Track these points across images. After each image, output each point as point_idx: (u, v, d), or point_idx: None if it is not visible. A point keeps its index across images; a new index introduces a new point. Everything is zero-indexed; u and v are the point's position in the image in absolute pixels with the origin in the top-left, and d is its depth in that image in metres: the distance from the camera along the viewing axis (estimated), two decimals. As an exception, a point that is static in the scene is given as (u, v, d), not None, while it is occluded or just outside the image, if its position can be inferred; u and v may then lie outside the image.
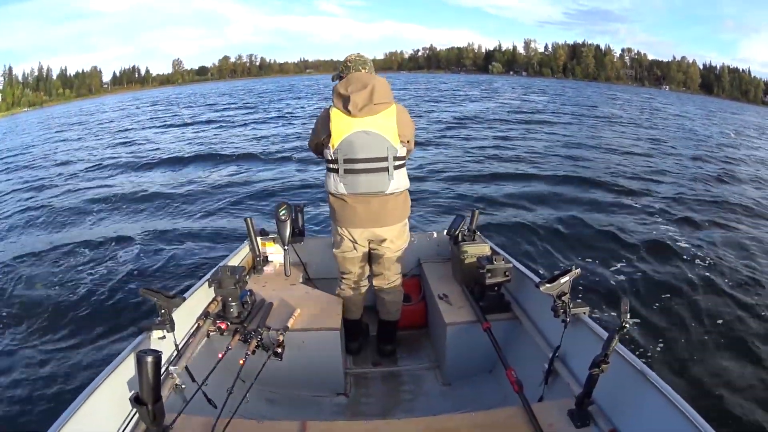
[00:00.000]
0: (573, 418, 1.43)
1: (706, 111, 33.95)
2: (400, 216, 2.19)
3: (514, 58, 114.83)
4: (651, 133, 16.42)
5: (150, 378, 1.24)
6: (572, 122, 18.35)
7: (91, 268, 4.95)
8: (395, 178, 2.05)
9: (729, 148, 14.17)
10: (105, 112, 31.59)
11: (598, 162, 10.30)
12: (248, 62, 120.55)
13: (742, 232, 5.85)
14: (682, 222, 6.09)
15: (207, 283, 2.13)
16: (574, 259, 4.82)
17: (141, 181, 9.26)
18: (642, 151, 12.13)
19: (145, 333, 1.68)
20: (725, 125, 23.04)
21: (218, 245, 5.37)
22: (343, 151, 2.00)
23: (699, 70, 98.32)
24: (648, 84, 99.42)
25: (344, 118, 1.99)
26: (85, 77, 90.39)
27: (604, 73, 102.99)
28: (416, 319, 2.72)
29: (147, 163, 11.00)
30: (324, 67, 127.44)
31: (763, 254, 5.10)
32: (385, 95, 2.00)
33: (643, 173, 9.20)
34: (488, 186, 7.98)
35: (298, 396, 2.18)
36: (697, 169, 9.86)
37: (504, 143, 12.44)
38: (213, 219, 6.52)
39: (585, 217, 6.17)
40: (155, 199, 7.72)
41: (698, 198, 7.42)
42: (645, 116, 23.62)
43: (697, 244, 5.25)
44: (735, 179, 9.15)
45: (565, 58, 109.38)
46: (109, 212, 7.20)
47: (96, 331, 3.66)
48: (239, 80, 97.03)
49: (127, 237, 5.90)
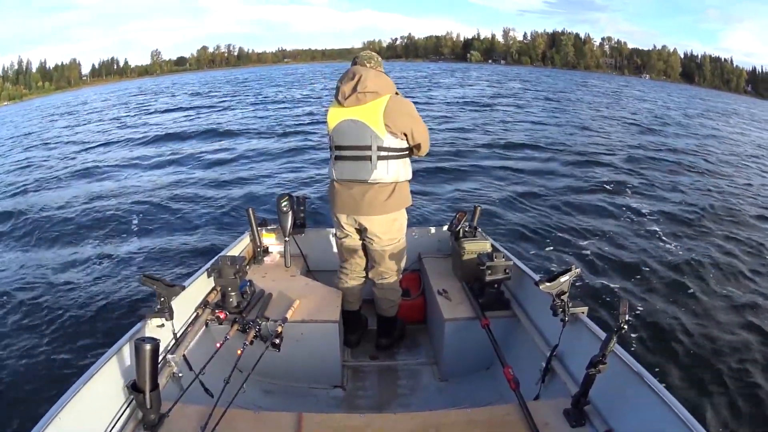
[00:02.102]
0: (569, 417, 1.43)
1: (685, 97, 36.11)
2: (385, 207, 2.15)
3: (492, 47, 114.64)
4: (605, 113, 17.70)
5: (148, 366, 1.25)
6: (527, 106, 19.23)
7: (90, 255, 4.97)
8: (379, 167, 2.07)
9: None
10: (104, 101, 31.49)
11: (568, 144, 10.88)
12: (226, 52, 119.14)
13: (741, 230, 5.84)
14: (683, 224, 6.08)
15: (207, 272, 2.13)
16: (573, 259, 4.81)
17: (144, 172, 9.27)
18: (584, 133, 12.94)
19: (144, 320, 1.68)
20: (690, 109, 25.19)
21: (219, 235, 5.38)
22: (335, 139, 2.14)
23: (680, 59, 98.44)
24: (628, 72, 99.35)
25: (337, 107, 2.12)
26: (64, 69, 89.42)
27: (583, 62, 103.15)
28: (415, 314, 2.72)
29: (148, 155, 10.99)
30: (302, 56, 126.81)
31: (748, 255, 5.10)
32: (374, 86, 2.02)
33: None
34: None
35: (294, 387, 2.19)
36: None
37: (459, 134, 12.34)
38: (214, 209, 6.52)
39: (585, 218, 6.16)
40: (157, 188, 7.74)
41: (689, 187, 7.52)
42: (609, 101, 25.21)
43: (689, 247, 5.25)
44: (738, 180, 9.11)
45: (544, 47, 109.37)
46: (110, 200, 7.22)
47: (94, 318, 3.68)
48: (217, 70, 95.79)
49: (128, 225, 5.92)
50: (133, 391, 1.29)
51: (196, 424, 1.39)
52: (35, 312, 3.82)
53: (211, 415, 1.39)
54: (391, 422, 1.53)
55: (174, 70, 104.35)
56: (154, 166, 9.67)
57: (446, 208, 6.28)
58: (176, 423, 1.40)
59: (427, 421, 1.50)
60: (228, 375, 1.58)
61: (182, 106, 21.82)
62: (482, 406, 1.63)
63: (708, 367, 3.17)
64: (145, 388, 1.27)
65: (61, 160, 10.85)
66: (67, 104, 31.43)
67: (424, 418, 1.53)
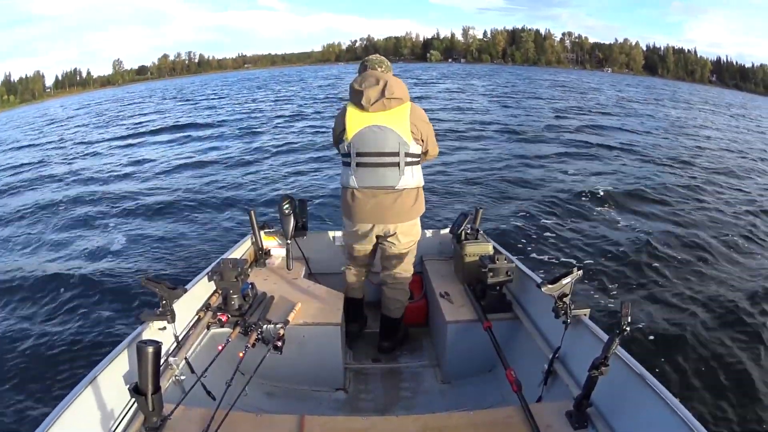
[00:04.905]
0: (571, 419, 1.43)
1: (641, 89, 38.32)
2: (410, 213, 2.19)
3: (452, 46, 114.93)
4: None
5: (150, 368, 1.25)
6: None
7: (92, 258, 4.98)
8: (406, 174, 2.07)
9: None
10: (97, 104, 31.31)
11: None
12: (187, 60, 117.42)
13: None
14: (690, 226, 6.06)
15: (208, 275, 2.12)
16: (575, 261, 4.80)
17: (145, 175, 9.29)
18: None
19: (146, 323, 1.68)
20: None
21: (220, 238, 5.39)
22: (355, 145, 2.06)
23: (643, 51, 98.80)
24: (590, 67, 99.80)
25: (358, 113, 2.05)
26: (28, 82, 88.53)
27: (544, 58, 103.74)
28: (417, 316, 2.71)
29: (148, 158, 11.05)
30: (261, 61, 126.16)
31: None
32: (398, 92, 2.03)
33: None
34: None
35: (296, 390, 2.19)
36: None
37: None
38: (216, 211, 6.54)
39: (585, 218, 6.15)
40: (157, 190, 7.77)
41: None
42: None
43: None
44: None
45: (504, 44, 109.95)
46: (113, 203, 7.24)
47: (96, 320, 3.69)
48: (178, 78, 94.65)
49: (131, 227, 5.94)
50: (135, 393, 1.29)
51: (198, 427, 1.39)
52: (36, 315, 3.83)
53: (213, 418, 1.39)
54: (394, 425, 1.53)
55: (135, 80, 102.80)
56: (155, 169, 9.71)
57: (447, 209, 6.29)
58: (178, 425, 1.39)
59: (430, 423, 1.50)
60: (230, 378, 1.58)
61: (175, 109, 22.06)
62: (484, 409, 1.63)
63: (712, 369, 3.15)
64: (147, 391, 1.27)
65: (61, 163, 10.91)
66: (44, 115, 31.00)
67: (427, 420, 1.53)
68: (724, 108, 28.70)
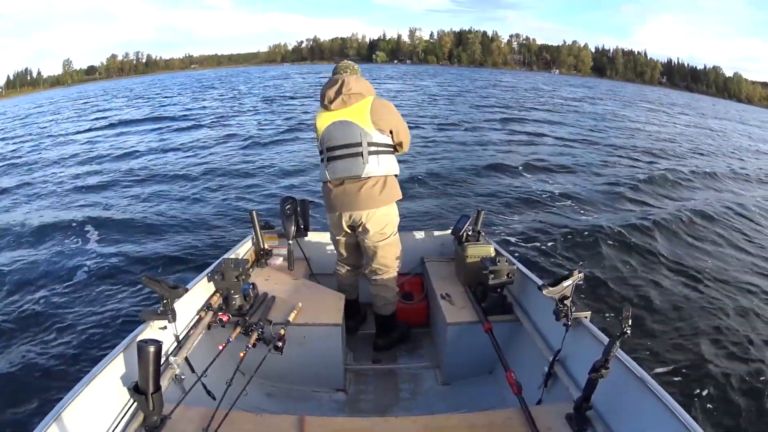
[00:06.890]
0: (571, 422, 1.43)
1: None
2: (376, 200, 2.21)
3: (398, 47, 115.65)
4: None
5: (150, 367, 1.25)
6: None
7: (93, 257, 4.98)
8: (370, 162, 2.16)
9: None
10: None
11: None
12: (135, 60, 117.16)
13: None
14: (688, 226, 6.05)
15: (209, 275, 2.13)
16: (576, 263, 4.80)
17: (145, 175, 9.30)
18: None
19: (146, 322, 1.68)
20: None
21: (222, 238, 5.39)
22: (325, 141, 2.22)
23: (591, 53, 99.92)
24: (537, 68, 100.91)
25: (324, 113, 2.23)
26: None
27: (490, 59, 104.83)
28: (418, 317, 2.72)
29: (149, 158, 11.05)
30: (208, 62, 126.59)
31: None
32: (356, 88, 2.16)
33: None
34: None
35: (297, 390, 2.19)
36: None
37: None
38: (218, 211, 6.54)
39: (583, 219, 6.14)
40: (158, 191, 7.76)
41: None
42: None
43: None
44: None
45: (451, 45, 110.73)
46: (113, 200, 7.27)
47: (96, 320, 3.69)
48: (126, 78, 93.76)
49: (131, 226, 5.94)
50: (135, 393, 1.29)
51: (198, 427, 1.39)
52: (37, 314, 3.83)
53: (213, 418, 1.39)
54: (394, 426, 1.53)
55: (84, 80, 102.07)
56: (156, 169, 9.71)
57: (449, 211, 6.29)
58: (178, 425, 1.40)
59: (430, 425, 1.50)
60: (230, 377, 1.59)
61: (174, 108, 22.04)
62: (484, 411, 1.63)
63: (713, 372, 3.14)
64: (148, 390, 1.27)
65: (58, 162, 10.92)
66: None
67: (427, 422, 1.52)
68: (667, 107, 31.71)
